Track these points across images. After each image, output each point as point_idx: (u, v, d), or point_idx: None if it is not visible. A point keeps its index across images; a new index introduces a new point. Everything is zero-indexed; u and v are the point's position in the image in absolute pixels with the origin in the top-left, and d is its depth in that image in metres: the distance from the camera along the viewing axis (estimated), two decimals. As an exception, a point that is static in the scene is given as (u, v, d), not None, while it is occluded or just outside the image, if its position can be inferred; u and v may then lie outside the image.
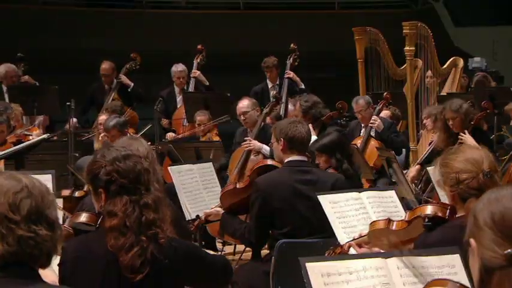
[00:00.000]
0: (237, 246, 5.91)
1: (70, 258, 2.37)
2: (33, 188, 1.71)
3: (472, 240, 1.48)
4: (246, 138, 6.07)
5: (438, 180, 2.67)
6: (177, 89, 7.98)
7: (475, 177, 2.52)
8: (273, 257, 3.75)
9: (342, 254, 2.83)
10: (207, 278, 2.57)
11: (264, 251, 4.31)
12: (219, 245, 5.99)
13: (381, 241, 2.73)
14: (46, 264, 1.73)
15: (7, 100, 7.33)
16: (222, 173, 5.84)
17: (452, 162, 2.57)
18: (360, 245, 2.78)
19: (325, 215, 3.31)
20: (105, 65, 8.03)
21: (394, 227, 2.71)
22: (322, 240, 3.67)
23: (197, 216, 4.26)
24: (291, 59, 7.75)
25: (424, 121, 6.21)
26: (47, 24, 11.57)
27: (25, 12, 11.90)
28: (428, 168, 4.54)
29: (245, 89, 7.77)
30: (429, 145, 6.13)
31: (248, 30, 11.92)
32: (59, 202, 3.18)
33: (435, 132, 5.94)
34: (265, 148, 5.91)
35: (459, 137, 5.40)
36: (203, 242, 5.15)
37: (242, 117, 6.29)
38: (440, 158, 2.69)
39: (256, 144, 5.94)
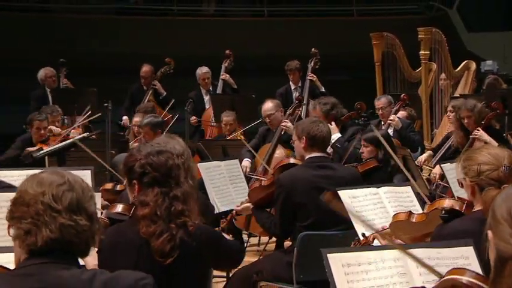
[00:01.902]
0: (262, 238, 5.91)
1: (106, 244, 2.41)
2: (75, 183, 1.75)
3: (489, 232, 1.48)
4: (284, 120, 6.02)
5: (459, 178, 2.65)
6: (203, 90, 8.04)
7: (496, 169, 2.52)
8: (296, 248, 3.74)
9: (366, 244, 2.83)
10: (226, 259, 2.68)
11: (287, 243, 4.30)
12: (245, 237, 5.99)
13: (402, 233, 2.72)
14: (85, 253, 1.76)
15: (50, 102, 7.45)
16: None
17: (476, 155, 2.58)
18: (383, 237, 2.78)
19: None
20: (145, 68, 8.16)
21: (414, 220, 2.70)
22: (342, 233, 3.65)
23: (230, 211, 4.29)
24: (312, 62, 7.76)
25: (449, 113, 6.14)
26: (89, 32, 11.72)
27: (68, 21, 12.06)
28: (443, 166, 4.48)
29: (269, 90, 7.76)
30: (445, 137, 6.11)
31: (272, 36, 11.92)
32: (98, 196, 3.22)
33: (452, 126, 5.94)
34: None
35: (474, 132, 5.36)
36: (230, 234, 5.16)
37: (267, 119, 6.28)
38: (464, 154, 2.68)
39: (291, 126, 5.91)
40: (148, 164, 2.44)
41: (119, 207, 2.72)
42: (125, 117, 7.91)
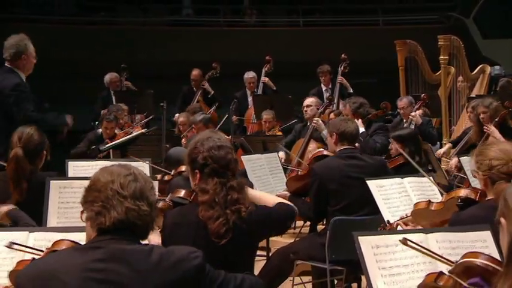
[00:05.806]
0: (297, 222, 5.88)
1: (169, 224, 2.47)
2: (139, 175, 1.82)
3: (502, 219, 1.44)
4: (314, 119, 6.01)
5: (473, 170, 2.60)
6: (248, 92, 8.11)
7: (505, 164, 2.48)
8: (328, 231, 3.72)
9: (390, 229, 2.83)
10: (277, 229, 2.67)
11: (320, 227, 4.28)
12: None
13: (422, 219, 2.70)
14: (144, 235, 1.81)
15: (114, 102, 7.59)
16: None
17: (487, 151, 2.54)
18: (406, 224, 2.78)
19: (372, 195, 3.28)
20: (195, 72, 8.26)
21: (433, 208, 2.68)
22: (370, 218, 3.62)
23: None
24: (342, 66, 7.78)
25: (469, 114, 6.03)
26: (147, 41, 11.87)
27: (129, 31, 12.23)
28: (462, 158, 4.40)
29: (303, 92, 7.73)
30: (463, 132, 6.01)
31: (306, 44, 11.87)
32: (155, 184, 3.26)
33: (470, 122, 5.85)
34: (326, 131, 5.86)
35: (485, 128, 5.24)
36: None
37: (305, 109, 6.32)
38: (476, 149, 2.63)
39: (321, 124, 5.91)
40: (210, 157, 2.47)
41: (182, 193, 2.75)
42: (177, 115, 8.00)
